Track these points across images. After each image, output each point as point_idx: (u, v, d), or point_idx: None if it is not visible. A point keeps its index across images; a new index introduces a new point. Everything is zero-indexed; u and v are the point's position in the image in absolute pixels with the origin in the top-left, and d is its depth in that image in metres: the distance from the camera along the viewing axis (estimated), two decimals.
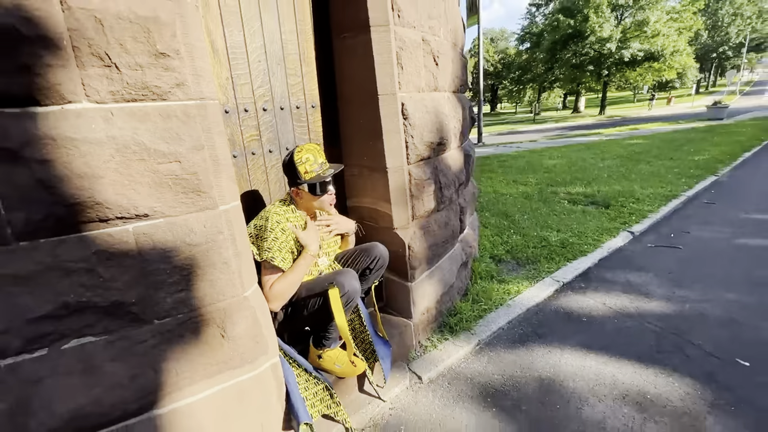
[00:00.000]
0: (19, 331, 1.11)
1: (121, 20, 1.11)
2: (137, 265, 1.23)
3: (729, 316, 2.40)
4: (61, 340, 1.17)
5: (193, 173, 1.27)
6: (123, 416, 1.27)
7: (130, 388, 1.26)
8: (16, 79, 1.01)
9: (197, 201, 1.30)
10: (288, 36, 1.93)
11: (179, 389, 1.36)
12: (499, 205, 5.07)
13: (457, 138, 2.62)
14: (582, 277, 3.08)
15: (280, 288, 1.62)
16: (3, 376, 1.11)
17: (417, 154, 2.10)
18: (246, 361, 1.48)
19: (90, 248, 1.16)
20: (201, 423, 1.41)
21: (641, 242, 3.73)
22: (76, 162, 1.09)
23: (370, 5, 1.84)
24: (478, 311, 2.58)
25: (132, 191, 1.18)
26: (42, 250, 1.10)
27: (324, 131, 2.19)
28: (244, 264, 1.46)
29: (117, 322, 1.23)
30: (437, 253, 2.36)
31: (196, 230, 1.31)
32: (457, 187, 2.60)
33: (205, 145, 1.29)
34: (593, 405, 1.79)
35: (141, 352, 1.27)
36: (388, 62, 1.90)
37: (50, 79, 1.05)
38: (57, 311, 1.14)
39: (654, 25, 25.17)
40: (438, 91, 2.30)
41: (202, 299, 1.36)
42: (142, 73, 1.16)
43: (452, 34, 2.54)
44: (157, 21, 1.16)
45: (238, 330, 1.44)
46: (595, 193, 5.30)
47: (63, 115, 1.08)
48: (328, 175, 1.71)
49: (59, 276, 1.13)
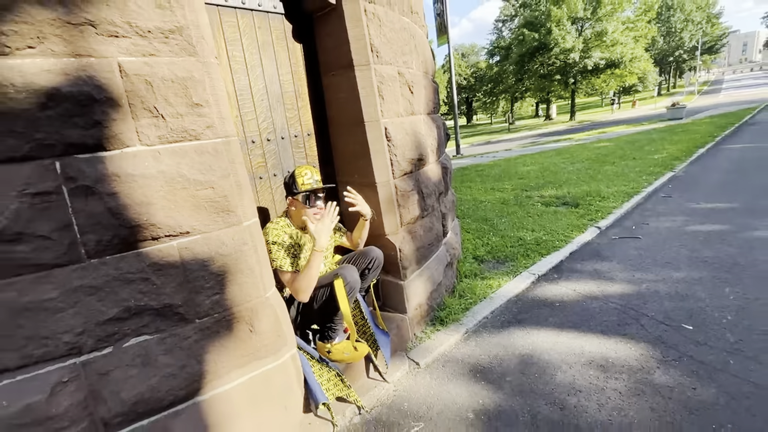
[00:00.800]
0: (92, 332, 1.37)
1: (165, 81, 1.43)
2: (181, 274, 1.51)
3: (677, 291, 2.79)
4: (124, 338, 1.44)
5: (223, 196, 1.57)
6: (174, 402, 1.53)
7: (179, 377, 1.52)
8: (90, 132, 1.31)
9: (227, 218, 1.60)
10: (285, 77, 2.27)
11: (218, 377, 1.62)
12: (479, 211, 5.46)
13: (434, 153, 2.98)
14: (555, 270, 3.44)
15: (302, 283, 1.91)
16: (79, 370, 1.36)
17: (401, 170, 2.44)
18: (270, 352, 1.76)
19: (145, 261, 1.44)
20: (236, 407, 1.67)
21: (607, 235, 4.15)
22: (135, 193, 1.38)
23: (353, 48, 2.20)
24: (464, 304, 2.90)
25: (177, 213, 1.47)
26: (109, 265, 1.38)
27: (319, 154, 2.52)
28: (264, 269, 1.75)
29: (167, 322, 1.50)
30: (425, 255, 2.68)
31: (227, 242, 1.60)
32: (437, 196, 2.94)
33: (231, 173, 1.60)
34: (565, 371, 2.11)
35: (187, 346, 1.54)
36: (371, 94, 2.26)
37: (114, 130, 1.35)
38: (120, 314, 1.41)
39: (612, 35, 26.80)
40: (415, 114, 2.67)
41: (233, 300, 1.64)
42: (182, 120, 1.47)
43: (423, 64, 2.93)
44: (192, 79, 1.48)
45: (263, 326, 1.72)
46: (566, 195, 5.76)
47: (123, 156, 1.37)
48: (319, 188, 2.02)
49: (122, 285, 1.40)
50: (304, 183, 1.97)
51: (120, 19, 1.34)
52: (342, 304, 1.95)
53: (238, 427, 1.69)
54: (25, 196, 1.24)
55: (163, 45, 1.43)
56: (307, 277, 1.91)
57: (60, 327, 1.32)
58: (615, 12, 27.14)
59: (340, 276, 1.95)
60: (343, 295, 1.94)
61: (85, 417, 1.37)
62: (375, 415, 1.97)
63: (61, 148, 1.28)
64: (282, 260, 1.94)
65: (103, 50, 1.32)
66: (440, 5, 14.95)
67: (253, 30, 2.10)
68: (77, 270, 1.33)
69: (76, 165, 1.30)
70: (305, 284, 1.91)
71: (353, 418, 1.96)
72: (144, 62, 1.39)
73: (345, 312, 1.97)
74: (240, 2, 2.01)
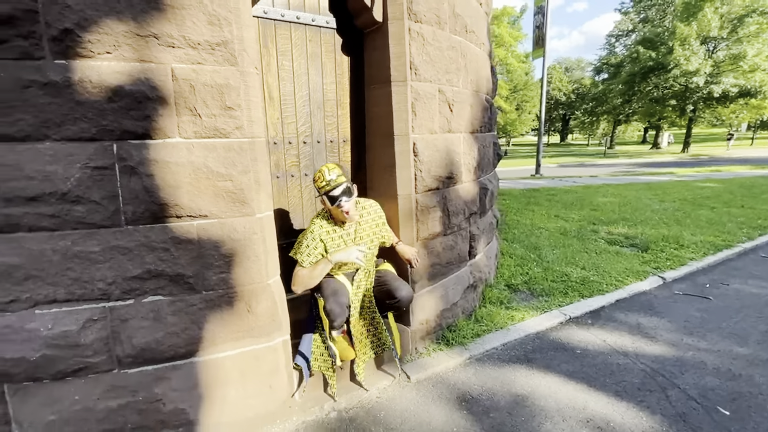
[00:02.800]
0: (119, 284, 1.68)
1: (206, 86, 1.68)
2: (196, 250, 1.76)
3: (729, 368, 2.39)
4: (143, 295, 1.73)
5: (240, 189, 1.79)
6: (174, 357, 1.79)
7: (181, 336, 1.78)
8: (140, 123, 1.61)
9: (241, 209, 1.82)
10: (328, 87, 2.45)
11: (214, 345, 1.85)
12: (532, 238, 5.17)
13: (471, 172, 2.95)
14: (591, 314, 3.16)
15: (300, 277, 2.07)
16: (106, 313, 1.68)
17: (425, 185, 2.48)
18: (263, 333, 1.95)
19: (168, 234, 1.71)
20: (227, 374, 1.89)
21: (669, 288, 3.67)
22: (168, 177, 1.66)
23: (392, 65, 2.30)
24: (477, 330, 2.83)
25: (199, 198, 1.72)
26: (140, 233, 1.67)
27: (352, 160, 2.66)
28: (270, 259, 1.94)
29: (178, 288, 1.77)
30: (440, 272, 2.68)
31: (239, 229, 1.82)
32: (467, 216, 2.91)
33: (251, 170, 1.81)
34: (556, 422, 1.97)
35: (192, 312, 1.79)
36: (403, 110, 2.34)
37: (160, 123, 1.64)
38: (143, 275, 1.70)
39: (753, 59, 22.92)
40: (452, 132, 2.67)
41: (237, 280, 1.85)
42: (215, 119, 1.72)
43: (474, 83, 2.92)
44: (228, 86, 1.72)
45: (260, 308, 1.92)
46: (638, 235, 5.17)
47: (164, 146, 1.65)
48: (332, 189, 2.04)
49: (148, 251, 1.69)
50: (320, 186, 2.10)
51: (177, 33, 1.62)
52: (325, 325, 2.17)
53: (227, 393, 1.91)
54: (87, 168, 1.57)
55: (209, 55, 1.69)
56: (309, 276, 2.07)
57: (97, 275, 1.64)
58: (760, 33, 23.16)
59: (322, 298, 2.11)
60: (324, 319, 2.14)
61: (105, 351, 1.69)
62: (351, 415, 2.06)
63: (119, 133, 1.60)
64: (300, 254, 2.10)
65: (161, 58, 1.61)
66: (540, 17, 14.26)
67: (304, 42, 2.31)
68: (116, 232, 1.65)
69: (128, 148, 1.61)
70: (303, 281, 2.07)
71: (330, 412, 2.07)
72: (192, 69, 1.66)
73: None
74: (295, 17, 2.24)
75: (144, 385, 1.75)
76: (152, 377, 1.76)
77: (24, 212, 1.54)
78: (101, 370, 1.70)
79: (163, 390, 1.78)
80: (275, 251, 2.00)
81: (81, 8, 1.48)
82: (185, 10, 1.62)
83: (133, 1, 1.54)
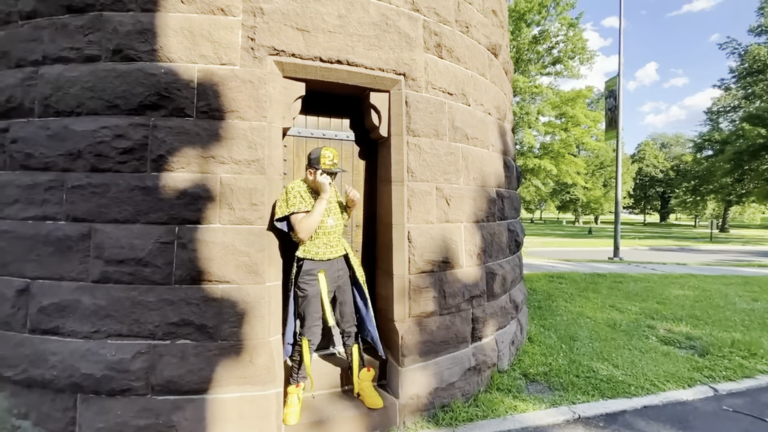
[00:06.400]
0: (162, 327, 2.29)
1: (241, 189, 2.38)
2: (218, 307, 2.33)
3: None
4: (177, 338, 2.31)
5: (255, 263, 2.37)
6: (190, 391, 2.29)
7: (197, 375, 2.29)
8: (195, 213, 2.33)
9: (255, 278, 2.38)
10: (346, 184, 3.07)
11: (220, 386, 2.32)
12: (573, 327, 4.92)
13: (474, 257, 3.21)
14: (607, 417, 2.96)
15: (305, 224, 2.46)
16: (150, 349, 2.28)
17: (417, 267, 2.83)
18: (260, 383, 2.37)
19: (200, 293, 2.32)
20: (228, 413, 2.31)
21: (718, 402, 3.23)
22: (206, 251, 2.31)
23: (393, 169, 2.85)
24: (471, 414, 2.86)
25: (225, 268, 2.34)
26: (182, 290, 2.31)
27: (363, 241, 3.16)
28: (273, 320, 2.43)
29: (201, 335, 2.32)
30: (433, 350, 2.88)
31: (251, 294, 2.37)
32: (467, 299, 3.12)
33: (266, 249, 2.40)
34: None
35: (208, 356, 2.31)
36: (400, 204, 2.82)
37: (207, 214, 2.34)
38: (178, 322, 2.30)
39: None
40: (450, 222, 3.05)
41: (245, 335, 2.36)
42: (244, 212, 2.38)
43: (477, 180, 3.31)
44: (256, 189, 2.40)
45: (260, 360, 2.37)
46: (701, 337, 4.60)
47: (207, 229, 2.34)
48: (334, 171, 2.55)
49: (185, 304, 2.31)
50: (325, 163, 2.53)
51: (227, 154, 2.38)
52: (305, 359, 2.52)
53: (226, 430, 2.31)
54: (157, 243, 2.30)
55: (246, 168, 2.41)
56: (310, 219, 2.47)
57: (149, 319, 2.28)
58: None
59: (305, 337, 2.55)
60: (306, 352, 2.51)
61: (144, 378, 2.26)
62: None
63: (180, 220, 2.33)
64: (298, 205, 2.48)
65: (215, 170, 2.37)
66: (613, 100, 14.28)
67: None
68: (167, 289, 2.31)
69: (184, 230, 2.33)
70: (308, 224, 2.46)
71: None
72: (233, 177, 2.38)
73: (307, 364, 2.53)
74: (321, 134, 2.97)
75: (165, 411, 2.26)
76: (172, 405, 2.27)
77: (114, 270, 2.28)
78: (139, 393, 2.26)
79: (179, 418, 2.26)
80: (279, 314, 2.49)
81: (171, 142, 2.32)
82: (234, 140, 2.39)
83: (202, 135, 2.36)
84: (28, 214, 2.39)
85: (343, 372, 2.89)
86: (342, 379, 2.89)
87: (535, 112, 23.19)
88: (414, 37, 2.89)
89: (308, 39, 2.54)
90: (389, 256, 2.88)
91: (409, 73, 2.86)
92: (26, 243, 2.37)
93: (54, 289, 2.32)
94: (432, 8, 3.01)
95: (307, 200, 2.53)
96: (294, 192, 2.50)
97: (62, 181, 2.35)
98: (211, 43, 2.39)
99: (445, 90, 3.07)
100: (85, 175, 2.33)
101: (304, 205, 2.50)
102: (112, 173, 2.32)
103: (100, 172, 2.33)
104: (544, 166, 24.08)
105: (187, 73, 2.36)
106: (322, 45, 2.57)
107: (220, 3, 2.41)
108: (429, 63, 2.98)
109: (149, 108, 2.34)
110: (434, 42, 3.01)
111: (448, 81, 3.10)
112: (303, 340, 2.55)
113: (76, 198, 2.33)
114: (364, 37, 2.68)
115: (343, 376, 2.88)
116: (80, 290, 2.30)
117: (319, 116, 3.00)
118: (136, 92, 2.33)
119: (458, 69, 3.19)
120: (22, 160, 2.41)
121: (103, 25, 2.37)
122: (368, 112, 2.92)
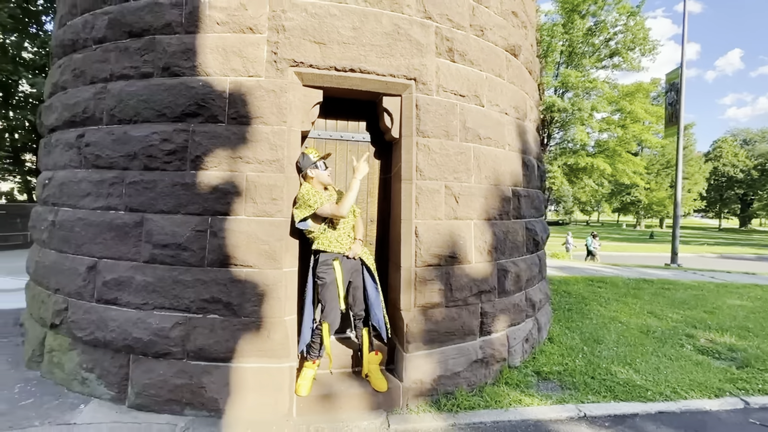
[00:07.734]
0: (196, 303, 2.68)
1: (263, 185, 2.71)
2: (242, 288, 2.68)
3: None
4: (207, 312, 2.69)
5: (273, 251, 2.69)
6: (216, 359, 2.66)
7: (223, 345, 2.66)
8: (224, 207, 2.69)
9: (274, 264, 2.70)
10: (362, 182, 3.31)
11: (242, 356, 2.67)
12: (601, 331, 4.78)
13: (483, 253, 3.31)
14: (614, 419, 2.93)
15: (346, 202, 2.74)
16: (186, 320, 2.68)
17: (423, 261, 3.01)
18: (276, 356, 2.68)
19: (228, 275, 2.69)
20: (249, 382, 2.65)
21: (746, 415, 3.06)
22: (233, 239, 2.67)
23: (403, 168, 3.05)
24: (473, 403, 2.99)
25: (248, 255, 2.68)
26: (213, 272, 2.69)
27: (377, 235, 3.39)
28: (289, 302, 2.74)
29: (227, 312, 2.69)
30: (438, 339, 3.04)
31: (270, 278, 2.70)
32: (475, 293, 3.23)
33: (284, 238, 2.72)
34: None
35: (232, 330, 2.67)
36: (408, 201, 3.01)
37: (234, 207, 2.70)
38: (209, 299, 2.68)
39: None
40: (459, 219, 3.18)
41: (264, 313, 2.69)
42: (265, 205, 2.71)
43: (489, 179, 3.40)
44: (275, 185, 2.72)
45: (277, 336, 2.69)
46: (745, 349, 4.27)
47: (235, 220, 2.70)
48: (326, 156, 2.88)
49: (215, 284, 2.68)
50: (317, 158, 2.83)
51: (252, 155, 2.72)
52: (325, 341, 2.74)
53: (247, 397, 2.66)
54: (194, 231, 2.70)
55: (268, 167, 2.74)
56: (348, 196, 2.76)
57: (186, 295, 2.69)
58: None
59: (326, 321, 2.77)
60: (327, 335, 2.73)
61: (181, 345, 2.67)
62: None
63: (212, 212, 2.71)
64: (322, 200, 2.74)
65: (242, 168, 2.72)
66: (674, 94, 13.20)
67: (345, 151, 3.28)
68: (201, 270, 2.70)
69: (215, 220, 2.70)
70: (348, 201, 2.75)
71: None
72: (256, 175, 2.72)
73: (327, 345, 2.76)
74: (339, 136, 3.24)
75: (197, 374, 2.65)
76: (202, 369, 2.65)
77: (160, 252, 2.72)
78: (176, 357, 2.67)
79: (207, 381, 2.64)
80: (294, 298, 2.80)
81: (206, 144, 2.71)
82: (258, 142, 2.73)
83: (231, 138, 2.72)
84: (97, 204, 2.90)
85: (354, 354, 3.15)
86: (353, 360, 3.15)
87: (588, 108, 21.87)
88: (425, 43, 3.06)
89: (324, 51, 2.81)
90: (398, 249, 3.08)
91: (419, 77, 3.04)
92: (95, 229, 2.88)
93: (114, 267, 2.80)
94: (445, 15, 3.16)
95: (324, 197, 2.80)
96: (310, 193, 2.75)
97: (122, 178, 2.83)
98: (240, 58, 2.74)
99: (457, 92, 3.21)
100: (139, 173, 2.79)
101: (325, 199, 2.77)
102: (159, 171, 2.76)
103: (150, 170, 2.77)
104: (597, 165, 22.69)
105: (221, 84, 2.74)
106: (336, 56, 2.83)
107: (249, 22, 2.76)
108: (440, 67, 3.13)
109: (189, 116, 2.74)
110: (446, 47, 3.16)
111: (460, 83, 3.23)
112: (324, 323, 2.83)
113: (132, 192, 2.80)
114: (376, 47, 2.91)
115: (354, 358, 3.14)
116: (134, 269, 2.76)
117: (338, 119, 3.28)
118: (179, 102, 2.74)
119: (471, 71, 3.30)
120: (93, 160, 2.93)
121: (156, 46, 2.82)
122: (381, 115, 3.14)
